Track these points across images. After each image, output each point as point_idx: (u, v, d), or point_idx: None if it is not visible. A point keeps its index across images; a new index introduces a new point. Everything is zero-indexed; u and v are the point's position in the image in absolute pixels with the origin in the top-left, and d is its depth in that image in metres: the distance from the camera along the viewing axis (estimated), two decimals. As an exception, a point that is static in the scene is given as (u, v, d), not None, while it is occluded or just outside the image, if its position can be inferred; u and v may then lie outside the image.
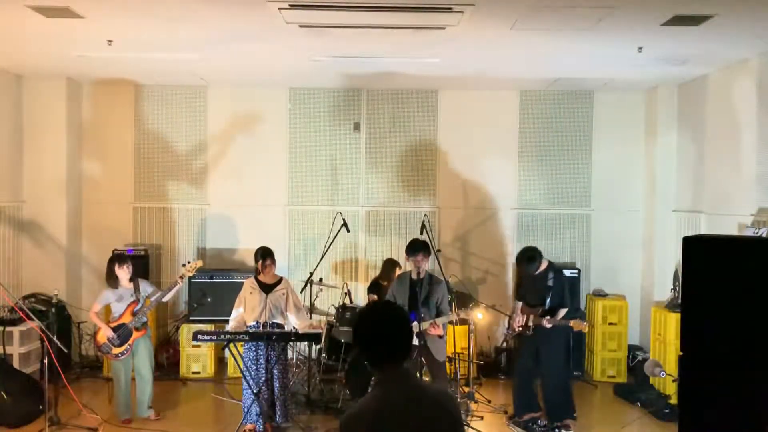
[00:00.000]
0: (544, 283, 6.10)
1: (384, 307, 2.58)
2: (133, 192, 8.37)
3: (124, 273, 6.12)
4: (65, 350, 6.00)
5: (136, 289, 6.18)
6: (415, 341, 5.40)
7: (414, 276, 5.88)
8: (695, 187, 7.34)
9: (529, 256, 6.15)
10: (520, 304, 6.33)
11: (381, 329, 2.40)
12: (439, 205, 8.40)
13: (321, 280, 7.68)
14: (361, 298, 8.10)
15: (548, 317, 5.97)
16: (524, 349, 6.28)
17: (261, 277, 6.01)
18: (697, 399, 4.24)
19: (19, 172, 7.81)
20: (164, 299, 6.33)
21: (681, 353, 4.31)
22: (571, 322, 5.94)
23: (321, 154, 8.39)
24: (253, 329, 5.85)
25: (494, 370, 7.80)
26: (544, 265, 6.16)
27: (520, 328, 6.19)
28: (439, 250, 7.06)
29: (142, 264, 7.61)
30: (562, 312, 6.02)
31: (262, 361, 5.83)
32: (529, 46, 6.00)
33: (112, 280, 6.15)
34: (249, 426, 5.80)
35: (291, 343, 6.63)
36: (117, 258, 6.25)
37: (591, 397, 7.05)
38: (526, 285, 6.37)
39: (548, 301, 6.06)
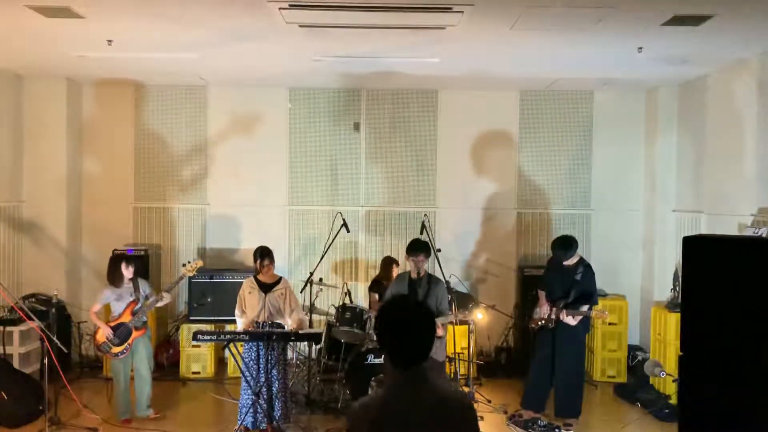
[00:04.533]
0: (572, 277, 6.10)
1: (407, 306, 2.45)
2: (133, 192, 8.37)
3: (129, 273, 6.15)
4: (65, 350, 6.01)
5: (136, 288, 6.19)
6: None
7: (413, 276, 5.88)
8: (695, 187, 7.34)
9: (566, 243, 6.16)
10: (543, 294, 6.32)
11: (401, 329, 2.33)
12: (439, 205, 8.40)
13: (321, 280, 7.68)
14: (361, 297, 8.10)
15: (570, 310, 5.98)
16: (542, 344, 6.25)
17: (260, 277, 6.01)
18: (697, 399, 4.23)
19: (19, 172, 7.81)
20: (161, 303, 6.31)
21: (681, 353, 4.31)
22: (593, 313, 6.01)
23: (321, 154, 8.39)
24: (253, 329, 5.86)
25: (494, 370, 7.80)
26: (575, 259, 6.18)
27: (542, 321, 6.18)
28: (439, 250, 7.06)
29: (142, 264, 7.60)
30: (585, 307, 6.04)
31: (262, 361, 5.83)
32: (529, 46, 6.00)
33: (115, 278, 6.15)
34: (243, 427, 5.82)
35: (291, 343, 6.63)
36: (125, 257, 6.27)
37: (591, 397, 7.04)
38: (553, 277, 6.32)
39: (572, 294, 6.06)
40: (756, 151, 6.14)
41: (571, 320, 6.00)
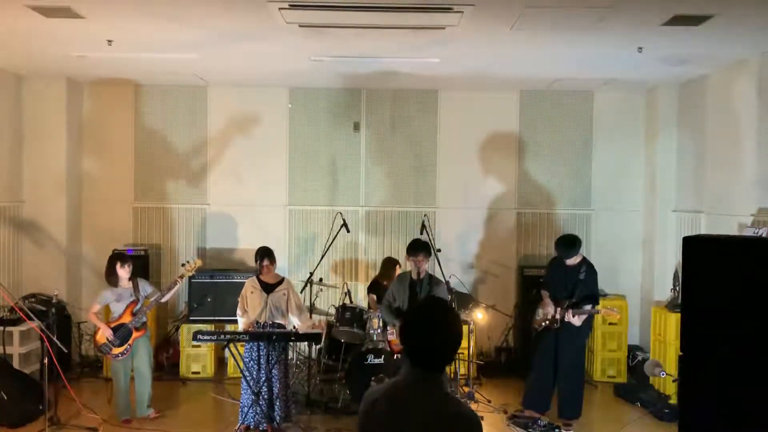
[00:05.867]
0: (575, 277, 6.08)
1: (442, 307, 2.37)
2: (133, 192, 8.37)
3: (124, 272, 6.13)
4: (65, 350, 6.00)
5: (136, 288, 6.19)
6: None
7: (414, 276, 5.88)
8: (695, 187, 7.34)
9: (569, 242, 6.15)
10: (547, 294, 6.29)
11: (428, 335, 2.26)
12: (439, 205, 8.40)
13: (321, 280, 7.69)
14: (361, 298, 8.10)
15: (574, 310, 5.96)
16: (545, 345, 6.22)
17: (262, 277, 6.01)
18: (697, 399, 4.24)
19: (19, 172, 7.81)
20: (163, 299, 6.34)
21: (681, 353, 4.31)
22: (603, 310, 6.00)
23: (321, 154, 8.39)
24: (254, 329, 5.86)
25: (494, 370, 7.80)
26: (578, 259, 6.17)
27: (546, 322, 6.16)
28: (439, 250, 7.07)
29: (142, 264, 7.61)
30: (588, 306, 6.03)
31: (263, 361, 5.83)
32: (529, 46, 6.00)
33: (112, 278, 6.15)
34: (243, 427, 5.82)
35: (291, 343, 6.63)
36: (119, 257, 6.26)
37: (591, 397, 7.04)
38: (556, 277, 6.29)
39: (576, 294, 6.05)
40: (756, 151, 6.14)
41: (576, 320, 5.99)
